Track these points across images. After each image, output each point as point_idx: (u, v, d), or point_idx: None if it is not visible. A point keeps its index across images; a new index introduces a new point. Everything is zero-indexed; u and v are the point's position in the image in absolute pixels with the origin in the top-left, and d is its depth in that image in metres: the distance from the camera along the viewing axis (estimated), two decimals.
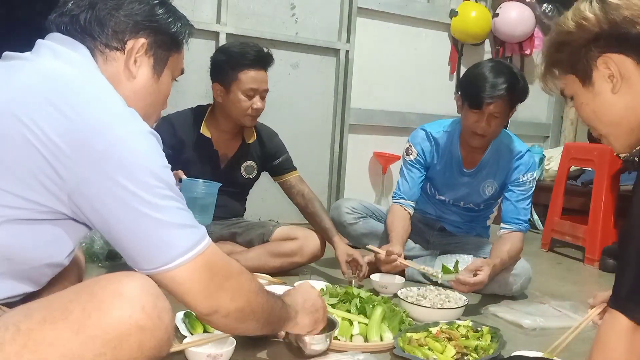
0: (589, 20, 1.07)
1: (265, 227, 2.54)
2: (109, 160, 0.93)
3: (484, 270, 2.06)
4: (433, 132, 2.49)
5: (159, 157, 1.00)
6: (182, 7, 3.04)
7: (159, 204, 0.96)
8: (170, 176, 1.01)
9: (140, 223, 0.96)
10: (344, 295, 1.90)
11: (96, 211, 0.96)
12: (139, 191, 0.95)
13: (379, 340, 1.71)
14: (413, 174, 2.49)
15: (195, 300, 1.03)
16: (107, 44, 1.07)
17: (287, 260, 2.43)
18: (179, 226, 0.99)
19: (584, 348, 1.80)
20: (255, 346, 1.67)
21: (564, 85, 1.18)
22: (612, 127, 1.13)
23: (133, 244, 0.98)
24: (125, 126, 0.96)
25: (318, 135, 3.64)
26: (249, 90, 2.32)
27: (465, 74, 2.38)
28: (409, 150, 2.50)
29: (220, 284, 1.05)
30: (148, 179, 0.96)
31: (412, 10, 3.90)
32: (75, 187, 0.94)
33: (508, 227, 2.35)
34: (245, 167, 2.54)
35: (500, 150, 2.42)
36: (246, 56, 2.32)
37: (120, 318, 0.91)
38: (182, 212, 1.01)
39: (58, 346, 0.87)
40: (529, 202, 2.41)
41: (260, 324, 1.18)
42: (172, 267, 0.98)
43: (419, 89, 4.00)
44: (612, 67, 1.07)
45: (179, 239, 0.99)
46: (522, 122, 4.44)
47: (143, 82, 1.12)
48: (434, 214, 2.64)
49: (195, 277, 1.01)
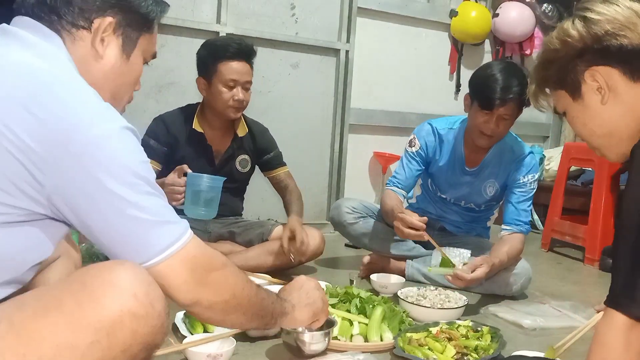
0: (572, 37, 1.12)
1: (264, 226, 2.55)
2: (86, 160, 0.91)
3: (482, 268, 2.06)
4: (439, 127, 2.49)
5: (137, 153, 0.98)
6: (182, 7, 3.08)
7: (138, 202, 0.95)
8: (149, 171, 1.00)
9: (120, 222, 0.95)
10: (344, 295, 1.90)
11: (75, 212, 0.95)
12: (117, 190, 0.93)
13: (379, 340, 1.71)
14: (412, 165, 2.49)
15: (176, 293, 1.02)
16: (74, 23, 1.04)
17: (287, 259, 2.42)
18: (160, 223, 0.98)
19: (583, 348, 1.80)
20: (255, 346, 1.67)
21: (555, 101, 1.22)
22: (604, 138, 1.16)
23: (114, 242, 0.98)
24: (100, 124, 0.94)
25: (318, 135, 3.64)
26: (229, 81, 2.35)
27: (476, 74, 2.37)
28: (412, 142, 2.51)
29: (202, 277, 1.04)
30: (126, 177, 0.95)
31: (412, 10, 3.90)
32: (53, 190, 0.92)
33: (509, 229, 2.35)
34: (240, 161, 2.56)
35: (503, 151, 2.42)
36: (227, 48, 2.37)
37: (113, 306, 0.91)
38: (162, 208, 1.00)
39: (52, 337, 0.88)
40: (529, 203, 2.41)
41: (247, 317, 1.17)
42: (152, 264, 0.98)
43: (419, 89, 4.00)
44: (599, 79, 1.11)
45: (159, 236, 0.98)
46: (522, 122, 4.41)
47: (111, 62, 1.08)
48: (435, 213, 2.64)
49: (176, 272, 1.00)
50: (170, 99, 2.63)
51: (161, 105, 2.57)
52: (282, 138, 3.42)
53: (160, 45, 3.33)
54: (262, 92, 3.37)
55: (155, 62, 3.41)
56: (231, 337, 1.59)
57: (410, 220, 2.12)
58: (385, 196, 2.48)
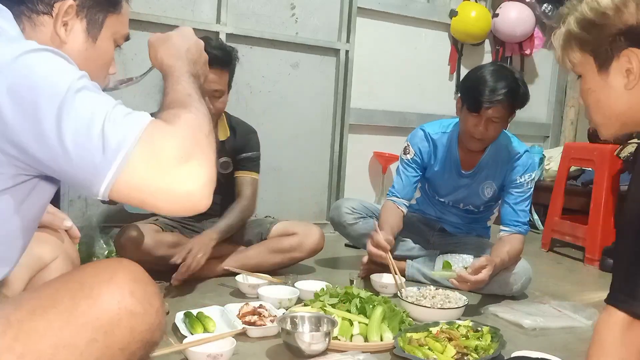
0: (628, 9, 1.03)
1: (263, 225, 2.54)
2: (18, 89, 0.83)
3: (487, 269, 2.06)
4: (432, 132, 2.48)
5: (65, 64, 0.89)
6: (182, 7, 3.08)
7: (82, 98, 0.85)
8: (87, 78, 0.89)
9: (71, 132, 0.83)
10: (344, 295, 1.90)
11: (35, 145, 0.84)
12: (59, 105, 0.83)
13: (379, 340, 1.71)
14: (408, 172, 2.49)
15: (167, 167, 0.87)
16: (33, 9, 0.99)
17: (287, 256, 2.43)
18: (111, 118, 0.85)
19: (583, 348, 1.80)
20: (255, 346, 1.67)
21: (578, 61, 1.13)
22: (611, 119, 1.11)
23: (75, 163, 0.85)
24: (13, 49, 0.86)
25: (318, 135, 3.64)
26: None
27: (466, 76, 2.37)
28: (407, 149, 2.50)
29: (185, 161, 0.88)
30: (62, 88, 0.84)
31: (412, 10, 3.89)
32: (10, 137, 0.85)
33: (507, 230, 2.35)
34: (221, 163, 2.51)
35: (499, 152, 2.42)
36: None
37: (110, 304, 0.91)
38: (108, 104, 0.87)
39: (49, 336, 0.87)
40: (527, 203, 2.40)
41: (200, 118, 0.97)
42: (123, 163, 0.84)
43: (419, 89, 4.00)
44: (634, 63, 1.04)
45: (116, 129, 0.85)
46: (522, 122, 4.44)
47: (76, 47, 1.02)
48: (434, 215, 2.65)
49: (150, 163, 0.86)
50: None
51: None
52: (282, 138, 3.44)
53: None
54: (262, 92, 3.37)
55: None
56: (231, 337, 1.59)
57: (377, 238, 2.17)
58: (382, 209, 2.49)
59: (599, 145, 3.30)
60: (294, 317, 1.71)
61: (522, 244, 2.33)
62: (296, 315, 1.73)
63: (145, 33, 2.96)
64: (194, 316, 1.74)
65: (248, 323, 1.76)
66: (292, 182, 3.52)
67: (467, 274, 2.04)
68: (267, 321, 1.78)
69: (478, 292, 2.31)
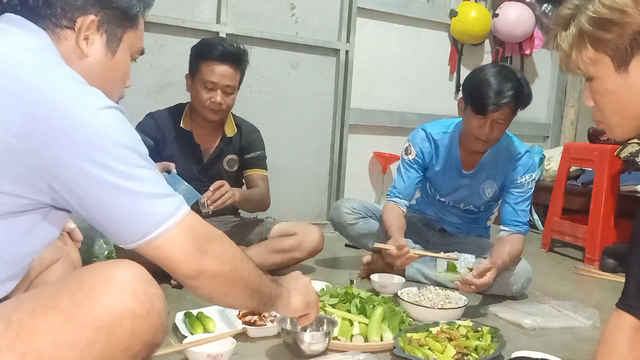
0: None
1: (263, 225, 2.54)
2: (72, 139, 0.90)
3: (491, 272, 2.05)
4: (433, 132, 2.48)
5: (127, 128, 0.97)
6: (182, 7, 3.08)
7: (132, 173, 0.94)
8: (142, 146, 0.98)
9: (117, 196, 0.93)
10: (344, 295, 1.90)
11: (72, 192, 0.93)
12: (110, 164, 0.92)
13: (379, 340, 1.71)
14: (410, 173, 2.48)
15: (180, 264, 1.00)
16: (57, 23, 1.03)
17: (287, 256, 2.42)
18: (157, 195, 0.97)
19: (584, 348, 1.81)
20: (255, 346, 1.67)
21: (591, 63, 1.08)
22: (627, 119, 1.08)
23: (113, 219, 0.96)
24: (84, 101, 0.92)
25: (318, 135, 3.64)
26: (208, 83, 2.33)
27: (469, 77, 2.34)
28: (408, 149, 2.50)
29: (205, 247, 1.03)
30: (117, 150, 0.93)
31: (412, 10, 3.90)
32: (48, 173, 0.91)
33: (507, 230, 2.35)
34: (227, 160, 2.55)
35: (500, 152, 2.42)
36: (212, 48, 2.34)
37: (111, 305, 0.91)
38: (158, 181, 0.99)
39: (50, 336, 0.87)
40: (528, 203, 2.40)
41: (248, 293, 1.13)
42: (155, 237, 0.96)
43: (419, 89, 4.00)
44: None
45: (159, 206, 0.97)
46: (522, 122, 4.44)
47: (96, 59, 1.08)
48: (434, 215, 2.65)
49: (179, 242, 0.99)
50: (170, 99, 2.63)
51: (161, 105, 2.56)
52: (282, 138, 3.44)
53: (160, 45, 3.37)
54: (262, 92, 3.38)
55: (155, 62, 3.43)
56: (231, 337, 1.59)
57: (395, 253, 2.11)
58: (384, 210, 2.47)
59: (599, 145, 3.30)
60: (294, 317, 1.71)
61: (522, 244, 2.33)
62: None
63: (145, 33, 2.95)
64: (194, 316, 1.74)
65: (248, 323, 1.76)
66: (292, 182, 3.52)
67: (472, 277, 2.03)
68: (267, 321, 1.78)
69: (479, 292, 2.31)
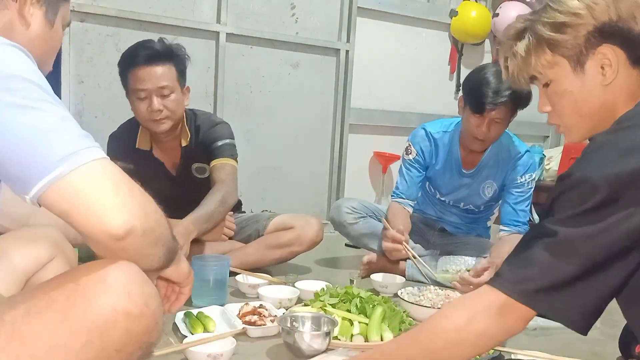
0: (599, 6, 1.05)
1: (260, 221, 2.51)
2: None
3: (489, 272, 2.05)
4: (433, 131, 2.49)
5: (27, 63, 0.91)
6: (182, 7, 3.08)
7: (37, 106, 0.86)
8: (47, 85, 0.91)
9: (19, 126, 0.84)
10: (344, 295, 1.89)
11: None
12: (10, 98, 0.85)
13: (379, 340, 1.71)
14: (412, 173, 2.49)
15: (109, 212, 0.86)
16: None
17: (286, 251, 2.40)
18: (69, 129, 0.88)
19: (584, 347, 1.81)
20: (255, 346, 1.67)
21: (548, 67, 1.12)
22: (583, 118, 1.12)
23: (16, 158, 0.85)
24: None
25: (318, 135, 3.64)
26: (138, 92, 2.13)
27: (468, 77, 2.36)
28: (409, 149, 2.50)
29: (128, 196, 0.89)
30: (18, 84, 0.87)
31: (412, 10, 3.90)
32: None
33: (507, 230, 2.36)
34: (195, 168, 2.39)
35: (500, 151, 2.42)
36: (133, 55, 2.15)
37: (106, 305, 0.89)
38: (65, 118, 0.89)
39: (44, 337, 0.86)
40: (528, 203, 2.41)
41: (165, 251, 0.99)
42: (65, 172, 0.84)
43: (419, 89, 4.00)
44: (611, 59, 1.06)
45: (71, 140, 0.87)
46: (522, 122, 4.41)
47: (38, 30, 1.11)
48: (435, 215, 2.65)
49: (98, 183, 0.87)
50: None
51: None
52: (282, 138, 3.44)
53: None
54: (262, 92, 3.38)
55: None
56: (231, 337, 1.59)
57: (391, 234, 2.16)
58: (389, 210, 2.49)
59: None
60: (294, 317, 1.71)
61: None
62: (296, 315, 1.73)
63: (145, 33, 2.96)
64: (194, 316, 1.74)
65: (248, 323, 1.76)
66: (292, 182, 3.53)
67: (470, 276, 2.04)
68: (267, 321, 1.78)
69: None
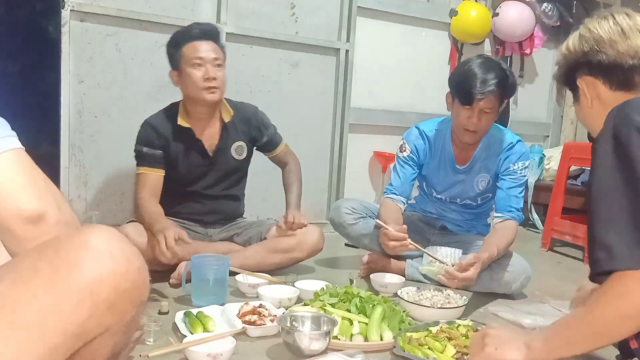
0: (569, 50, 1.37)
1: (262, 225, 2.53)
2: None
3: (474, 267, 2.05)
4: (426, 130, 2.52)
5: None
6: (182, 7, 3.07)
7: None
8: None
9: None
10: (344, 294, 1.90)
11: None
12: None
13: (379, 340, 1.71)
14: (405, 170, 2.51)
15: (23, 196, 0.93)
16: None
17: (286, 256, 2.42)
18: None
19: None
20: (255, 346, 1.67)
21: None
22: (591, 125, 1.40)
23: None
24: None
25: (318, 135, 3.64)
26: (195, 60, 2.30)
27: (454, 71, 2.42)
28: (403, 147, 2.53)
29: (44, 186, 0.96)
30: None
31: (412, 9, 3.90)
32: None
33: (501, 216, 2.37)
34: (235, 148, 2.51)
35: (491, 143, 2.45)
36: (187, 31, 2.36)
37: (90, 267, 0.91)
38: None
39: (34, 303, 0.88)
40: (521, 190, 2.42)
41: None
42: None
43: (419, 89, 4.00)
44: (584, 87, 1.35)
45: None
46: (522, 122, 4.44)
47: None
48: (435, 213, 2.65)
49: (15, 170, 0.93)
50: (170, 98, 2.63)
51: (161, 105, 2.56)
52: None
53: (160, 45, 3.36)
54: (262, 91, 3.37)
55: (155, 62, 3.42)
56: (231, 336, 1.59)
57: (393, 233, 2.16)
58: (382, 206, 2.49)
59: None
60: (294, 317, 1.71)
61: (513, 231, 2.32)
62: (296, 314, 1.73)
63: (145, 33, 2.96)
64: (194, 316, 1.75)
65: (248, 322, 1.76)
66: None
67: (454, 270, 2.04)
68: (267, 321, 1.79)
69: (477, 290, 2.31)
